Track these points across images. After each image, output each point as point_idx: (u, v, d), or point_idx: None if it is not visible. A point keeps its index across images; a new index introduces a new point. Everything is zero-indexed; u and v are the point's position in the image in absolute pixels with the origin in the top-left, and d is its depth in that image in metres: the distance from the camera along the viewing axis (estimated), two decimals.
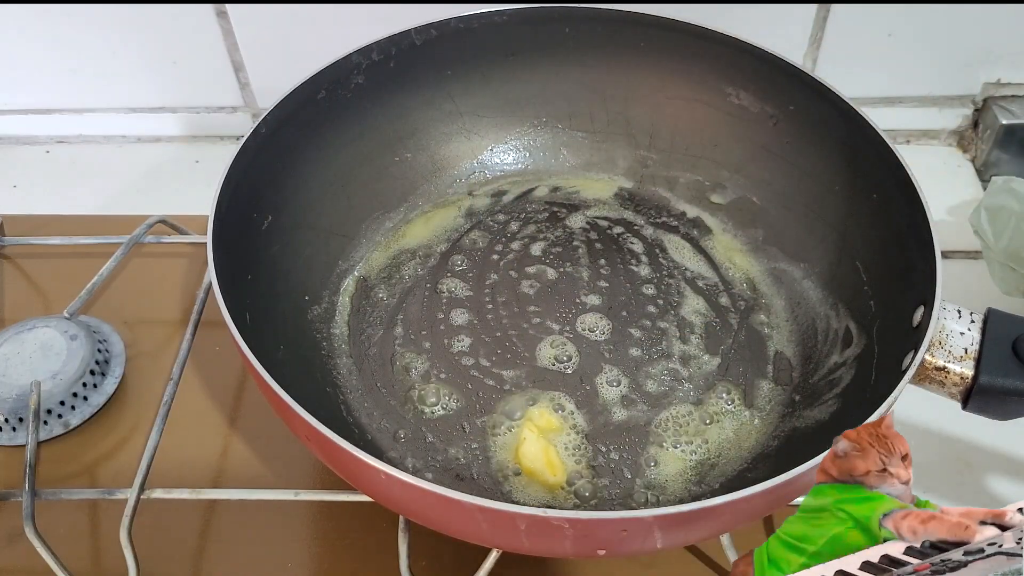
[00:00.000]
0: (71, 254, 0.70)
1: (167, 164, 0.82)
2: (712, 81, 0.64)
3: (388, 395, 0.56)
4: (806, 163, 0.62)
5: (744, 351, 0.58)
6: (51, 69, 0.79)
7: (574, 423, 0.54)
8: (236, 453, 0.58)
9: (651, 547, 0.43)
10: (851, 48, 0.75)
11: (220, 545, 0.54)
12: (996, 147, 0.76)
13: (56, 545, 0.50)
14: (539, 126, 0.69)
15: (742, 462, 0.53)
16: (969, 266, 0.65)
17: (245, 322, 0.48)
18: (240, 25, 0.75)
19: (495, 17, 0.64)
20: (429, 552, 0.52)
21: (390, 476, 0.40)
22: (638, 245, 0.65)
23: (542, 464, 0.52)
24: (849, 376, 0.53)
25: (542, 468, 0.52)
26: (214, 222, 0.51)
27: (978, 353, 0.47)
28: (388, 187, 0.66)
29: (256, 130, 0.56)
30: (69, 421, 0.59)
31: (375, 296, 0.61)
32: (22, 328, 0.62)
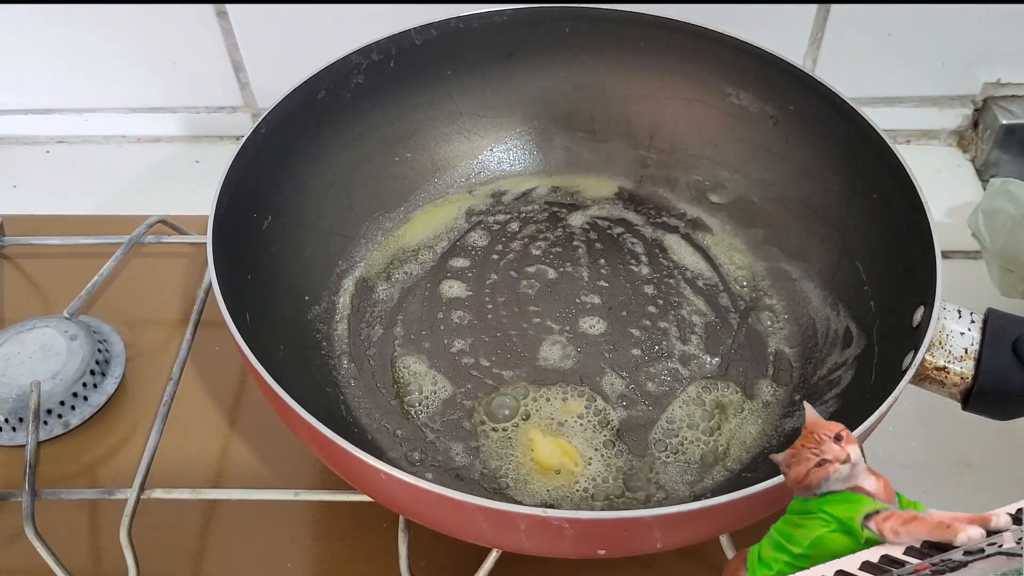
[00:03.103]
0: (71, 254, 0.70)
1: (167, 164, 0.82)
2: (712, 81, 0.64)
3: (388, 395, 0.56)
4: (806, 163, 0.62)
5: (744, 351, 0.58)
6: (51, 69, 0.79)
7: (575, 422, 0.54)
8: (236, 453, 0.58)
9: (651, 547, 0.43)
10: (851, 48, 0.75)
11: (220, 545, 0.54)
12: (996, 147, 0.76)
13: (56, 545, 0.50)
14: (539, 126, 0.69)
15: (742, 462, 0.53)
16: (969, 266, 0.65)
17: (245, 322, 0.48)
18: (240, 25, 0.75)
19: (495, 17, 0.64)
20: (429, 552, 0.52)
21: (390, 476, 0.40)
22: (638, 245, 0.65)
23: (560, 457, 0.52)
24: (849, 376, 0.53)
25: (562, 461, 0.52)
26: (214, 222, 0.51)
27: (978, 353, 0.47)
28: (388, 187, 0.66)
29: (256, 130, 0.56)
30: (69, 421, 0.59)
31: (375, 296, 0.61)
32: (22, 328, 0.62)
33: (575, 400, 0.55)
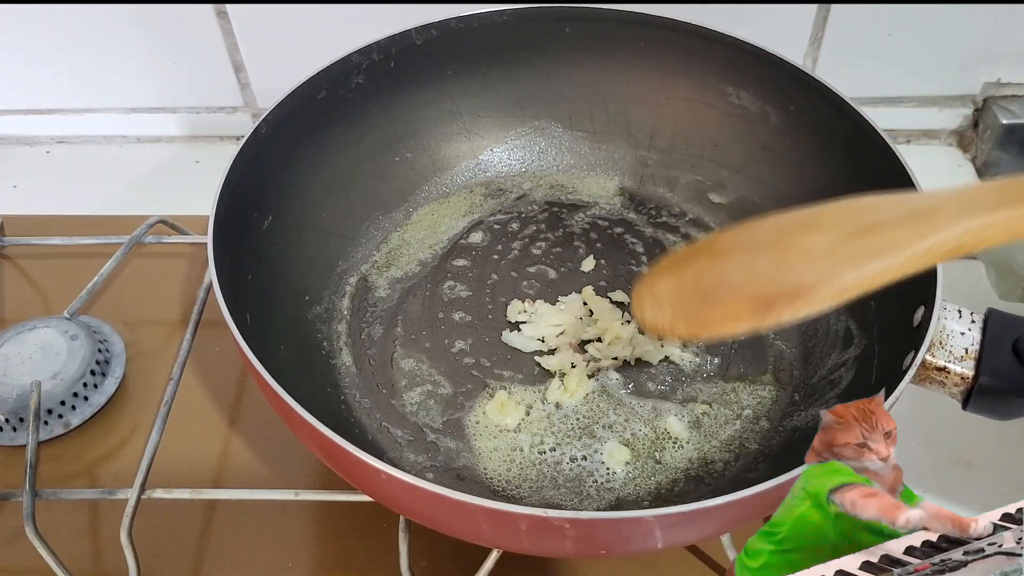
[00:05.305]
0: (71, 254, 0.70)
1: (167, 164, 0.82)
2: (712, 81, 0.64)
3: (388, 395, 0.56)
4: (806, 163, 0.62)
5: (744, 351, 0.58)
6: (51, 69, 0.79)
7: (575, 422, 0.54)
8: (236, 453, 0.58)
9: (652, 547, 0.43)
10: (851, 48, 0.75)
11: (220, 545, 0.54)
12: (996, 147, 0.76)
13: (56, 545, 0.50)
14: (539, 126, 0.69)
15: (742, 462, 0.53)
16: (969, 266, 0.64)
17: (245, 322, 0.48)
18: (240, 25, 0.75)
19: (495, 17, 0.64)
20: (429, 552, 0.52)
21: (391, 476, 0.40)
22: (638, 245, 0.65)
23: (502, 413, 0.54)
24: (849, 376, 0.53)
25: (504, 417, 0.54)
26: (214, 222, 0.51)
27: (978, 353, 0.47)
28: (388, 187, 0.66)
29: (256, 130, 0.56)
30: (70, 421, 0.59)
31: (375, 296, 0.61)
32: (23, 328, 0.62)
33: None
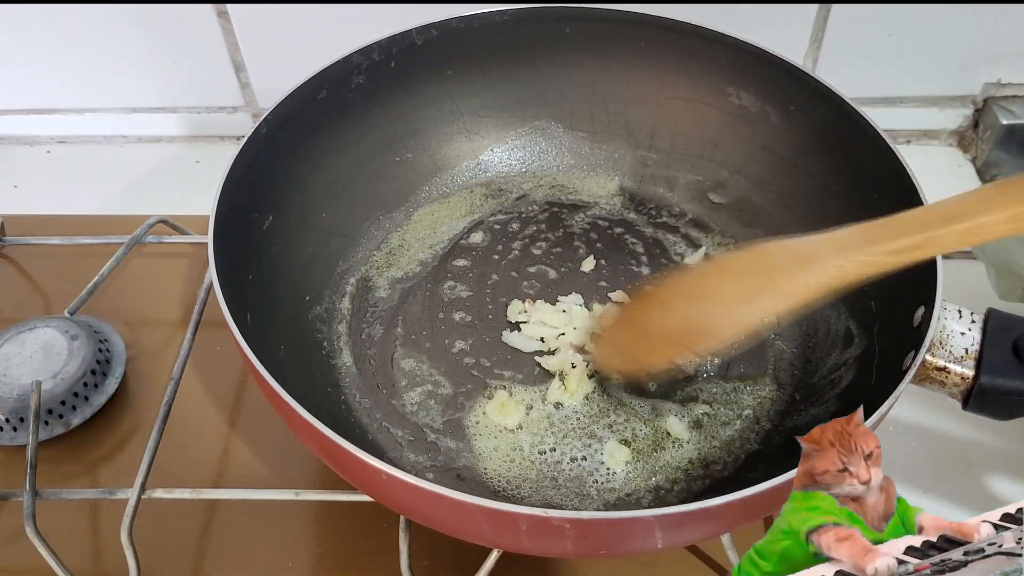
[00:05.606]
0: (72, 254, 0.70)
1: (167, 164, 0.82)
2: (712, 81, 0.64)
3: (388, 395, 0.56)
4: (806, 163, 0.62)
5: (745, 351, 0.58)
6: (51, 69, 0.79)
7: (575, 422, 0.54)
8: (236, 453, 0.58)
9: (652, 547, 0.43)
10: (851, 48, 0.75)
11: (220, 545, 0.54)
12: (996, 147, 0.76)
13: (57, 545, 0.50)
14: (539, 126, 0.69)
15: (742, 462, 0.53)
16: (969, 266, 0.64)
17: (246, 322, 0.48)
18: (240, 25, 0.75)
19: (495, 17, 0.64)
20: (429, 552, 0.52)
21: (391, 476, 0.40)
22: (638, 245, 0.65)
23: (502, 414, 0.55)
24: (849, 376, 0.53)
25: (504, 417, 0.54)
26: (215, 222, 0.51)
27: (979, 353, 0.47)
28: (388, 187, 0.66)
29: (257, 130, 0.56)
30: (70, 421, 0.59)
31: (375, 296, 0.61)
32: (23, 328, 0.62)
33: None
